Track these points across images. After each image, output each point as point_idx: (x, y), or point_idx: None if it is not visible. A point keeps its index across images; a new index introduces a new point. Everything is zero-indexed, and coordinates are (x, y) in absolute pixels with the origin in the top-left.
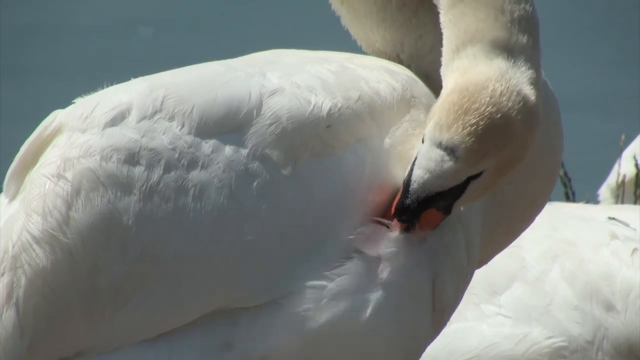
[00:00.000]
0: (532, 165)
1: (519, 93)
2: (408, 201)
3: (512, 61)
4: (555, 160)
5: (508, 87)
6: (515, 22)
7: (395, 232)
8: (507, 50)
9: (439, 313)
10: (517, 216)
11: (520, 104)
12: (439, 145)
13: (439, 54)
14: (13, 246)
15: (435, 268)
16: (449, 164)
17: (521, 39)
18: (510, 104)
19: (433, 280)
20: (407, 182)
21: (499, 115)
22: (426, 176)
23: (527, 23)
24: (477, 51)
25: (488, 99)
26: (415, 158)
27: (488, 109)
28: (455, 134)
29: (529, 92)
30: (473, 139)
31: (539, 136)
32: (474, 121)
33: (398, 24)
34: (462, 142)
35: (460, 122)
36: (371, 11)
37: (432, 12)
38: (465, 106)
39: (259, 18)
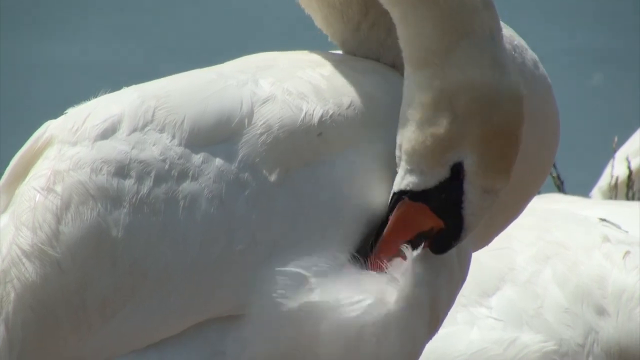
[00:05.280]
0: (525, 157)
1: (514, 93)
2: (457, 243)
3: (480, 52)
4: (547, 138)
5: (509, 97)
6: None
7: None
8: (469, 38)
9: (435, 319)
10: (510, 206)
11: (522, 101)
12: (489, 191)
13: (396, 37)
14: (2, 260)
15: (432, 277)
16: (495, 200)
17: (480, 19)
18: (518, 111)
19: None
20: (459, 228)
21: (519, 126)
22: (479, 220)
23: None
24: (450, 59)
25: (512, 123)
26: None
27: (517, 131)
28: (506, 177)
29: (516, 85)
30: (511, 168)
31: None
32: (511, 152)
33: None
34: (508, 178)
35: (504, 163)
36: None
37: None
38: (502, 147)
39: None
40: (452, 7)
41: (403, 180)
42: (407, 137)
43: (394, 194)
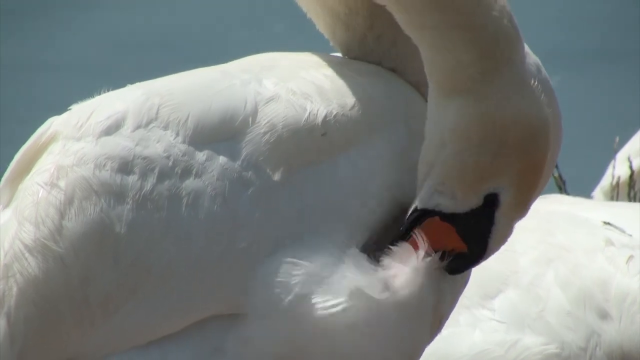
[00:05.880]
0: None
1: (548, 125)
2: (474, 266)
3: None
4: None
5: (538, 127)
6: (499, 30)
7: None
8: (497, 72)
9: (437, 321)
10: None
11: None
12: (515, 220)
13: (402, 48)
14: (5, 255)
15: (437, 279)
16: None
17: (516, 47)
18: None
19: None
20: (482, 253)
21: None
22: (501, 246)
23: (508, 17)
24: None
25: (544, 154)
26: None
27: (545, 163)
28: (530, 206)
29: (548, 116)
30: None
31: None
32: (538, 183)
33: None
34: (530, 207)
35: (533, 194)
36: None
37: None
38: (533, 179)
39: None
40: (490, 33)
41: (430, 199)
42: (444, 161)
43: (417, 209)
